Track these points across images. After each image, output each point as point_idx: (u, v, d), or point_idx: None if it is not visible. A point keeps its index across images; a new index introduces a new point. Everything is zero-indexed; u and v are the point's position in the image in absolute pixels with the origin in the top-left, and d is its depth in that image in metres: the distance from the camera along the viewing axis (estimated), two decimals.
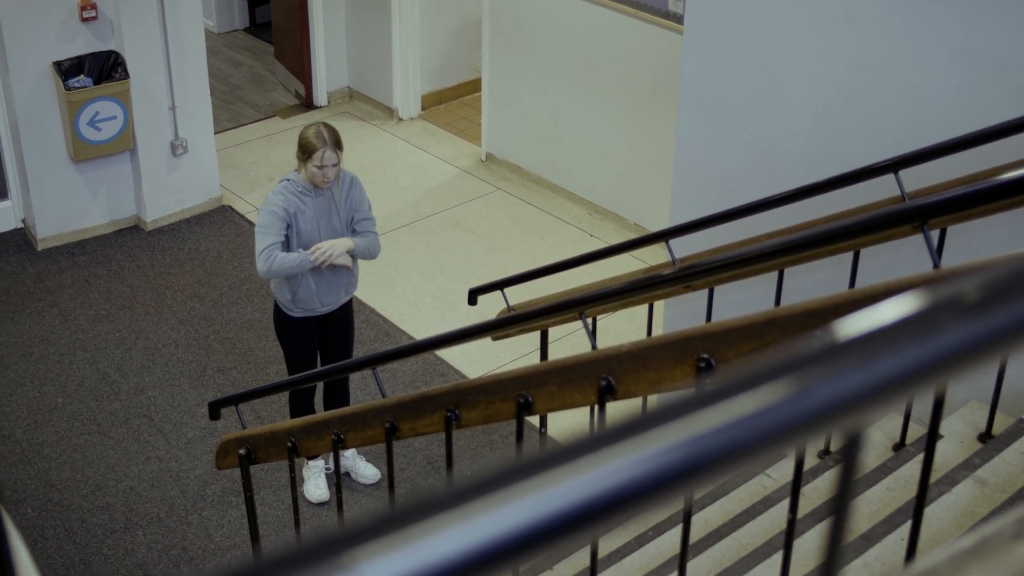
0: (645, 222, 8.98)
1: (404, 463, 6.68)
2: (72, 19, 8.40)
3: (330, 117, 11.12)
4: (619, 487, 0.57)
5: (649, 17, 8.45)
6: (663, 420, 0.60)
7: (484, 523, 0.57)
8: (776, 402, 0.59)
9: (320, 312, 6.17)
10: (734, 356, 2.48)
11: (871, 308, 0.66)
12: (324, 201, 5.98)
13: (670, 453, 0.57)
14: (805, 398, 0.60)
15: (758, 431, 0.59)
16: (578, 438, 0.60)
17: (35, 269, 8.67)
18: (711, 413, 0.59)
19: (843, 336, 0.64)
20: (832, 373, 0.61)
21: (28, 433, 7.01)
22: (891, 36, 4.57)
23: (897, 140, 4.58)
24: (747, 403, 0.59)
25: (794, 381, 0.60)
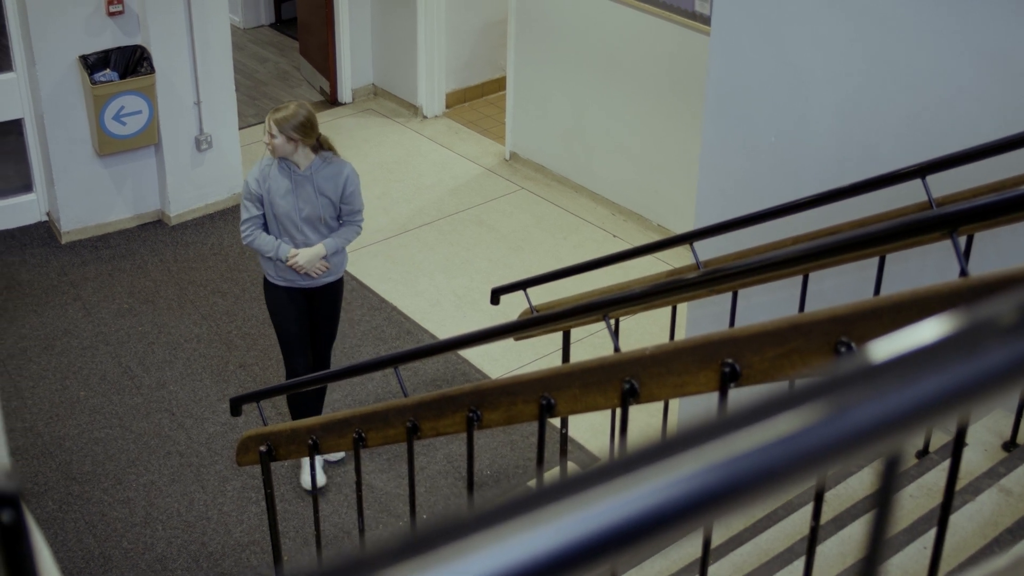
0: (669, 223, 8.96)
1: (424, 462, 6.67)
2: (99, 13, 8.42)
3: (354, 114, 11.13)
4: (649, 512, 0.55)
5: (675, 17, 8.43)
6: (692, 443, 0.59)
7: (511, 545, 0.56)
8: (815, 423, 0.58)
9: (301, 285, 6.29)
10: (759, 361, 2.46)
11: (909, 328, 0.65)
12: (302, 182, 6.09)
13: (702, 476, 0.56)
14: (845, 419, 0.58)
15: (796, 453, 0.57)
16: (606, 464, 0.59)
17: (59, 262, 8.70)
18: (748, 434, 0.58)
19: (882, 356, 0.62)
20: (873, 394, 0.59)
21: (50, 426, 7.03)
22: (919, 40, 4.54)
23: (924, 144, 4.55)
24: (786, 424, 0.58)
25: (834, 402, 0.59)
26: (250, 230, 6.14)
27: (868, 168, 4.62)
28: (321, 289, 6.36)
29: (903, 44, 4.59)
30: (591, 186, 9.62)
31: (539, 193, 9.76)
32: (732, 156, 5.39)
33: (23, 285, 8.40)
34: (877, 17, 4.62)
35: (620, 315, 4.96)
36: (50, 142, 8.63)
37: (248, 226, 6.15)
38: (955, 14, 4.45)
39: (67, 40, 8.37)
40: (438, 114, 11.13)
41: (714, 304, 5.24)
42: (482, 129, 10.87)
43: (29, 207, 9.14)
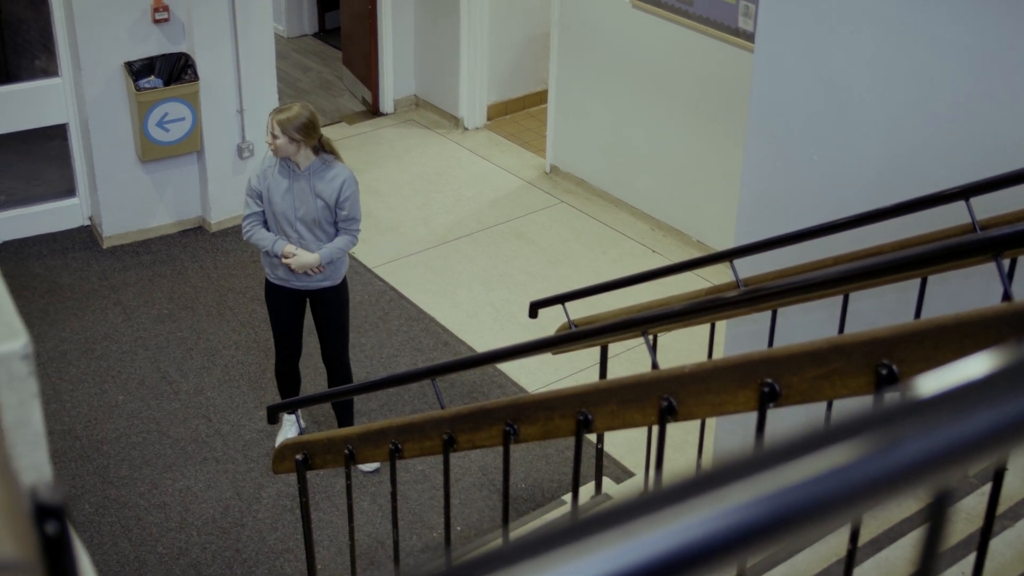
0: (709, 240, 8.93)
1: (459, 474, 6.67)
2: (144, 20, 8.48)
3: (396, 125, 11.16)
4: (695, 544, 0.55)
5: (718, 33, 8.41)
6: (741, 474, 0.58)
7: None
8: (865, 457, 0.58)
9: (294, 286, 6.47)
10: (798, 382, 2.45)
11: (958, 363, 0.64)
12: (304, 182, 6.21)
13: (752, 508, 0.56)
14: (895, 454, 0.58)
15: (845, 487, 0.57)
16: (651, 493, 0.59)
17: (100, 267, 8.75)
18: (798, 466, 0.57)
19: (932, 390, 0.62)
20: (923, 429, 0.59)
21: (88, 429, 7.07)
22: (965, 59, 4.52)
23: (969, 165, 4.52)
24: (835, 457, 0.57)
25: (884, 436, 0.58)
26: (250, 225, 6.33)
27: (911, 188, 4.59)
28: (317, 293, 6.51)
29: (949, 64, 4.56)
30: (631, 201, 9.61)
31: (579, 207, 9.76)
32: (774, 174, 5.36)
33: (64, 289, 8.46)
34: (923, 37, 4.60)
35: (659, 332, 4.95)
36: (94, 147, 8.70)
37: (249, 221, 6.33)
38: (1002, 34, 4.42)
39: (112, 46, 8.44)
40: (479, 126, 11.15)
41: (753, 322, 5.22)
42: (523, 142, 10.87)
43: (72, 211, 9.21)
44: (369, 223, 9.41)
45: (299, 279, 6.40)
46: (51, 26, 8.66)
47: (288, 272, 6.36)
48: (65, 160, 9.18)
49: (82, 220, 9.24)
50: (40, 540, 0.68)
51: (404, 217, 9.55)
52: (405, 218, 9.54)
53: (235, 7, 8.67)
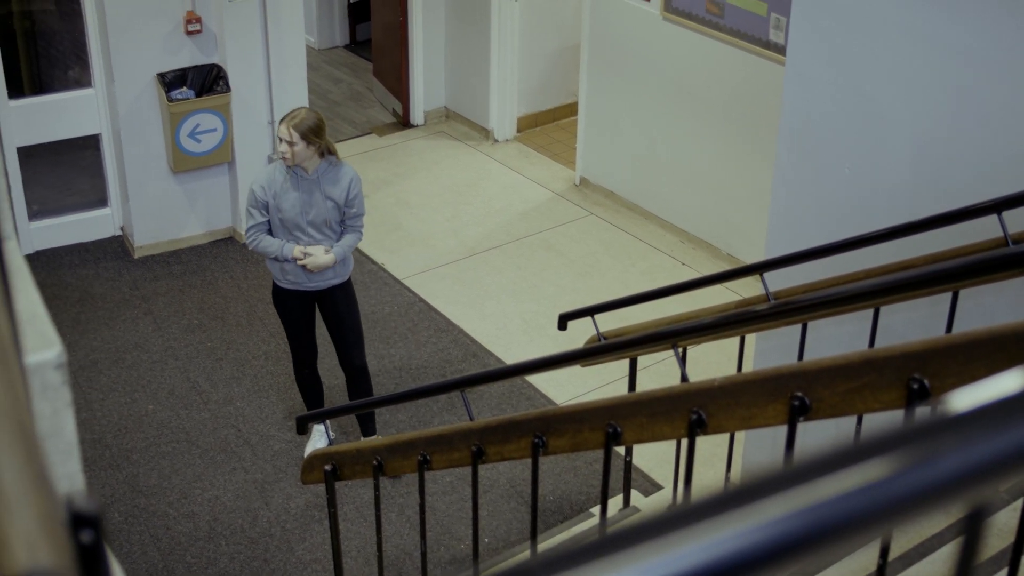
0: (738, 252, 8.91)
1: (487, 486, 6.67)
2: (177, 32, 8.53)
3: (426, 137, 11.19)
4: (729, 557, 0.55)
5: (749, 46, 8.40)
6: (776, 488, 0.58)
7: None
8: (900, 472, 0.57)
9: (308, 287, 6.51)
10: (829, 396, 2.44)
11: (993, 378, 0.64)
12: (309, 186, 6.28)
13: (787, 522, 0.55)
14: (931, 468, 0.58)
15: (881, 501, 0.56)
16: (686, 506, 0.58)
17: (131, 276, 8.80)
18: (833, 480, 0.57)
19: (967, 405, 0.61)
20: (960, 443, 0.59)
21: (118, 438, 7.10)
22: (997, 71, 4.49)
23: (1001, 179, 4.50)
24: (871, 471, 0.57)
25: (920, 450, 0.58)
26: (255, 234, 6.34)
27: (943, 202, 4.57)
28: (327, 292, 6.56)
29: (981, 78, 4.54)
30: (661, 213, 9.60)
31: (608, 219, 9.75)
32: (805, 187, 5.35)
33: (96, 298, 8.51)
34: (956, 50, 4.58)
35: (688, 344, 4.94)
36: (126, 158, 8.75)
37: (253, 232, 6.35)
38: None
39: (145, 58, 8.49)
40: (509, 138, 11.16)
41: (783, 335, 5.20)
42: (552, 154, 10.88)
43: (104, 221, 9.27)
44: (399, 234, 9.44)
45: (310, 280, 6.46)
46: (84, 37, 8.73)
47: (300, 274, 6.42)
48: (97, 170, 9.23)
49: (113, 230, 9.29)
50: (75, 549, 0.68)
51: (433, 229, 9.57)
52: (435, 230, 9.55)
53: (267, 19, 8.71)
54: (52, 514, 0.65)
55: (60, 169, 9.49)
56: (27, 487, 0.65)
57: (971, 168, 4.67)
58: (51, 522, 0.65)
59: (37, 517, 0.64)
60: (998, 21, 4.42)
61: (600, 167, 10.09)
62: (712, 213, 9.14)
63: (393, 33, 11.24)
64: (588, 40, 9.82)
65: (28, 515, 0.64)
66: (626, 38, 9.45)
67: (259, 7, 8.67)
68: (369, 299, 8.53)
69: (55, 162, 9.42)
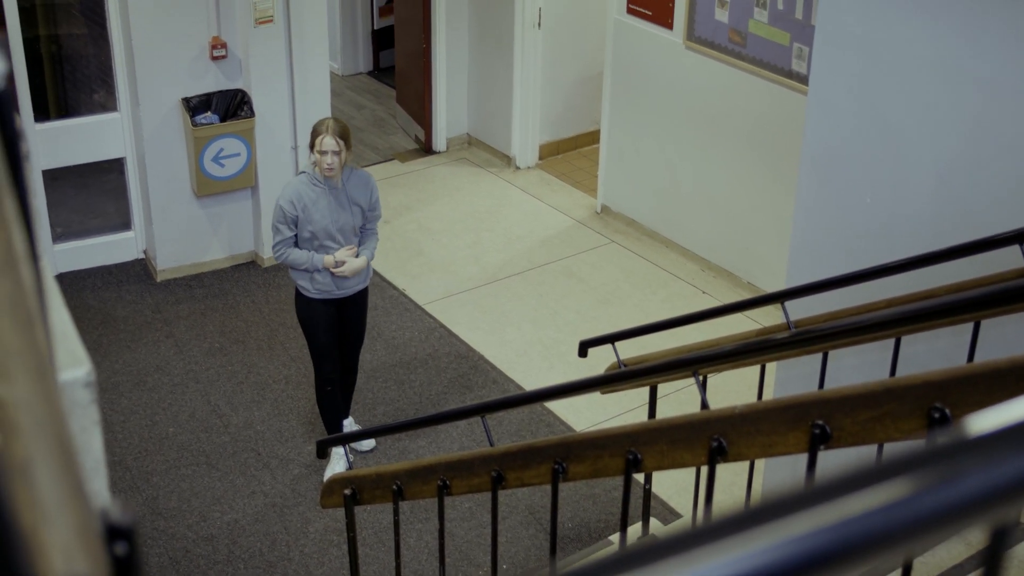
0: (759, 281, 8.91)
1: (506, 512, 6.66)
2: (202, 57, 8.59)
3: (448, 163, 11.22)
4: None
5: (771, 76, 8.42)
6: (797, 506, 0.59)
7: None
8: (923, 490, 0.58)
9: (336, 295, 6.65)
10: (850, 424, 2.44)
11: (1014, 401, 0.65)
12: (337, 194, 6.43)
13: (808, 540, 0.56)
14: (954, 487, 0.58)
15: (904, 520, 0.57)
16: (709, 524, 0.59)
17: (153, 299, 8.84)
18: (855, 499, 0.58)
19: (989, 427, 0.62)
20: (983, 463, 0.59)
21: (138, 460, 7.12)
22: (1018, 102, 4.50)
23: (1022, 209, 4.50)
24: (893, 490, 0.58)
25: (943, 469, 0.59)
26: (282, 247, 6.46)
27: (965, 232, 4.57)
28: (351, 297, 6.71)
29: (1002, 108, 4.55)
30: (681, 241, 9.61)
31: (629, 247, 9.76)
32: (826, 216, 5.36)
33: (118, 321, 8.55)
34: (976, 80, 4.59)
35: (709, 372, 4.94)
36: (150, 182, 8.80)
37: (281, 246, 6.47)
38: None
39: (171, 82, 8.55)
40: (531, 165, 11.19)
41: (804, 364, 5.20)
42: (574, 181, 10.90)
43: (127, 244, 9.31)
44: (420, 260, 9.46)
45: (339, 287, 6.59)
46: (111, 62, 8.80)
47: (330, 282, 6.55)
48: (121, 194, 9.29)
49: (136, 253, 9.34)
50: (110, 560, 0.69)
51: (455, 255, 9.59)
52: (456, 256, 9.58)
53: (291, 45, 8.77)
54: (88, 525, 0.66)
55: (84, 192, 9.55)
56: (64, 498, 0.66)
57: (992, 198, 4.67)
58: (87, 533, 0.66)
59: (74, 528, 0.65)
60: (1019, 51, 4.43)
61: (621, 195, 10.10)
62: (733, 242, 9.15)
63: (416, 60, 11.30)
64: (610, 68, 9.85)
65: (65, 526, 0.65)
66: (648, 67, 9.48)
67: (284, 33, 8.72)
68: (390, 324, 8.55)
69: (80, 185, 9.48)
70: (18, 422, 0.66)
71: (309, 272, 6.50)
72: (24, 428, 0.66)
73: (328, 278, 6.53)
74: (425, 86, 11.27)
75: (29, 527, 0.62)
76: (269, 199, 9.07)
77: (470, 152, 11.50)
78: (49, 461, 0.66)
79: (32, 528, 0.62)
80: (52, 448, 0.67)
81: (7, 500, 0.60)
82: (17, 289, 0.72)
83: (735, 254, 9.17)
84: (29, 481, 0.64)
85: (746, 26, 8.53)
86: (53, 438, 0.68)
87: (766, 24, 8.38)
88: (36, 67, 9.43)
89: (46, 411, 0.68)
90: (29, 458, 0.65)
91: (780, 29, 8.29)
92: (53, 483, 0.66)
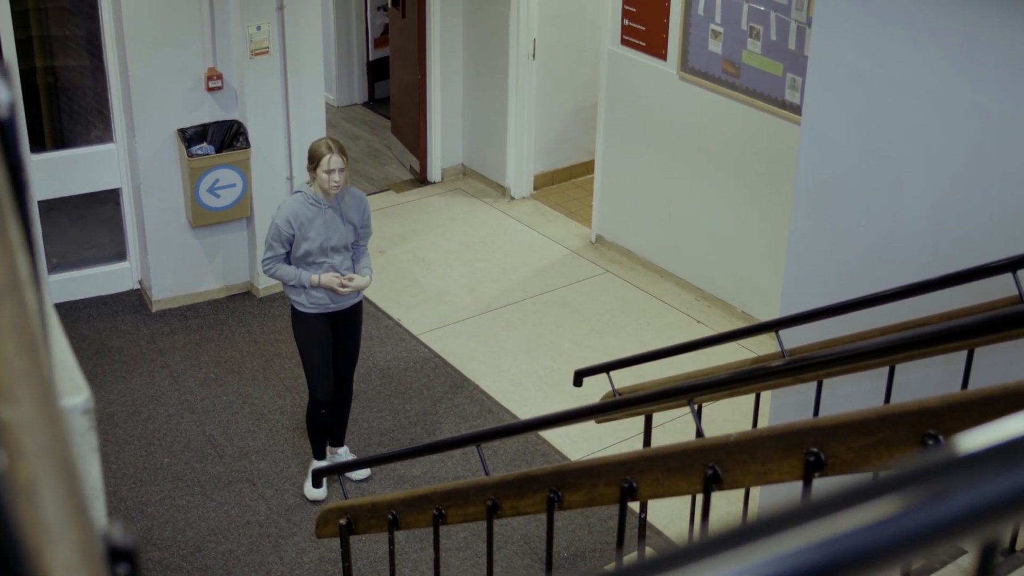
0: (753, 310, 8.93)
1: (501, 541, 6.65)
2: (198, 88, 8.62)
3: (443, 193, 11.25)
4: None
5: (764, 106, 8.46)
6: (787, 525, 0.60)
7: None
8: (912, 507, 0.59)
9: (332, 310, 6.72)
10: (844, 451, 2.45)
11: (1002, 420, 0.66)
12: (333, 212, 6.53)
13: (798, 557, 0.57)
14: (943, 504, 0.59)
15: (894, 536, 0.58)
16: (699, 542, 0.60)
17: (148, 330, 8.84)
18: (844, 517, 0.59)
19: (978, 445, 0.63)
20: (972, 480, 0.60)
21: (133, 491, 7.11)
22: (1013, 131, 4.53)
23: (1017, 237, 4.52)
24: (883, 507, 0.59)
25: (931, 487, 0.60)
26: (272, 264, 6.57)
27: (959, 260, 4.59)
28: (345, 311, 6.78)
29: (997, 136, 4.57)
30: (676, 271, 9.63)
31: (624, 277, 9.78)
32: (820, 244, 5.38)
33: (113, 351, 8.55)
34: (970, 109, 4.61)
35: (704, 401, 4.94)
36: (145, 212, 8.82)
37: (271, 262, 6.57)
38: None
39: (166, 114, 8.58)
40: (525, 195, 11.21)
41: (798, 392, 5.21)
42: (569, 211, 10.93)
43: (122, 275, 9.32)
44: (415, 290, 9.47)
45: (336, 300, 6.68)
46: (107, 93, 8.82)
47: (327, 295, 6.63)
48: (117, 224, 9.30)
49: (132, 284, 9.34)
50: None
51: (450, 285, 9.60)
52: (451, 286, 9.59)
53: (287, 76, 8.80)
54: (92, 546, 0.67)
55: (80, 223, 9.56)
56: (68, 520, 0.67)
57: (988, 227, 4.69)
58: (91, 554, 0.67)
59: (77, 549, 0.66)
60: (1015, 80, 4.45)
61: (616, 225, 10.13)
62: (728, 271, 9.17)
63: (411, 91, 11.34)
64: (605, 99, 9.89)
65: (69, 546, 0.66)
66: (643, 97, 9.52)
67: (280, 64, 8.76)
68: (385, 354, 8.56)
69: (75, 216, 9.50)
70: (23, 444, 0.67)
71: (305, 288, 6.58)
72: (29, 450, 0.67)
73: (323, 292, 6.62)
74: (420, 116, 11.31)
75: (34, 547, 0.63)
76: (264, 229, 9.08)
77: (465, 182, 11.52)
78: (53, 483, 0.67)
79: (37, 548, 0.63)
80: (56, 470, 0.68)
81: (13, 520, 0.61)
82: (22, 313, 0.73)
83: (730, 283, 9.18)
84: (34, 502, 0.65)
85: (740, 57, 8.57)
86: (57, 460, 0.69)
87: (759, 55, 8.42)
88: (32, 98, 9.46)
89: (50, 433, 0.69)
90: (34, 480, 0.66)
91: (773, 60, 8.33)
92: (57, 504, 0.67)
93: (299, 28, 8.80)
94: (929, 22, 4.67)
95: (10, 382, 0.69)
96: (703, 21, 8.79)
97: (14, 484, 0.64)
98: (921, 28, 4.70)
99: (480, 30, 10.99)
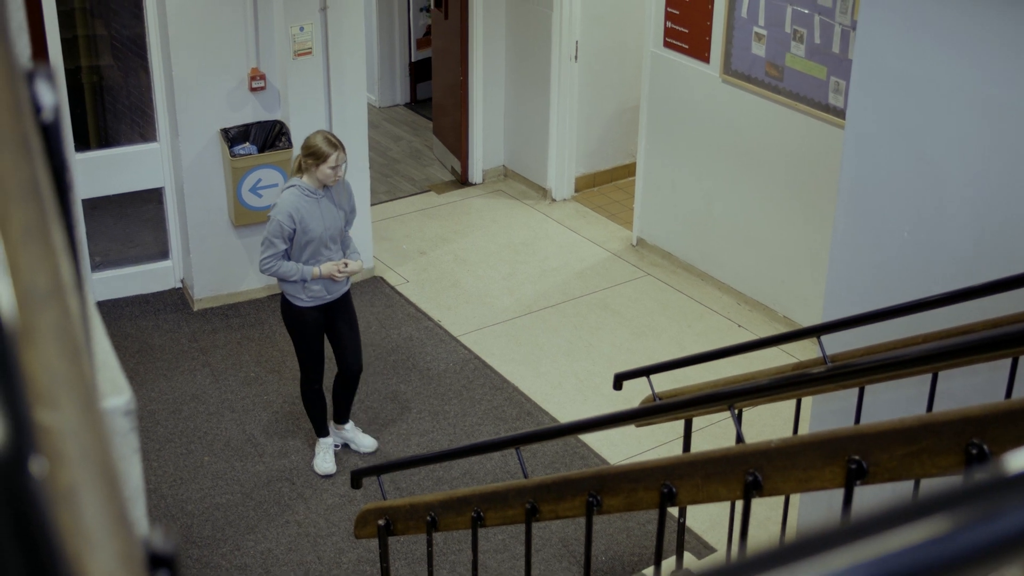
0: (795, 315, 8.88)
1: (539, 544, 6.65)
2: (241, 88, 8.66)
3: (484, 195, 11.25)
4: None
5: (808, 109, 8.41)
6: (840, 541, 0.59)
7: None
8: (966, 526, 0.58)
9: (327, 300, 6.88)
10: (887, 460, 2.43)
11: None
12: (328, 200, 6.70)
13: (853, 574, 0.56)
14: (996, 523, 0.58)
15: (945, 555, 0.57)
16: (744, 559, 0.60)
17: (190, 329, 8.88)
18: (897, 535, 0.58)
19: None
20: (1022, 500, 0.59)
21: (173, 489, 7.15)
22: None
23: None
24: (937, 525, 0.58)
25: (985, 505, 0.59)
26: (272, 260, 6.67)
27: (1003, 267, 4.54)
28: (338, 300, 6.93)
29: None
30: (717, 275, 9.59)
31: (665, 280, 9.75)
32: (863, 250, 5.34)
33: (155, 350, 8.60)
34: (1015, 113, 4.57)
35: (744, 406, 4.92)
36: (188, 212, 8.87)
37: (271, 259, 6.66)
38: None
39: (210, 113, 8.62)
40: (567, 197, 11.20)
41: (840, 399, 5.17)
42: (610, 214, 10.91)
43: (165, 273, 9.37)
44: (455, 292, 9.48)
45: (331, 290, 6.84)
46: (151, 93, 8.88)
47: (322, 288, 6.79)
48: (160, 223, 9.36)
49: (174, 282, 9.39)
50: None
51: (490, 287, 9.60)
52: (491, 287, 9.59)
53: (330, 77, 8.83)
54: (132, 553, 0.67)
55: (123, 221, 9.63)
56: (108, 526, 0.67)
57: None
58: (131, 561, 0.67)
59: (117, 555, 0.66)
60: None
61: (657, 228, 10.10)
62: (769, 275, 9.12)
63: (453, 92, 11.35)
64: (647, 101, 9.87)
65: (109, 553, 0.66)
66: (685, 99, 9.49)
67: (323, 65, 8.79)
68: (425, 355, 8.57)
69: (118, 215, 9.57)
70: (64, 450, 0.67)
71: (304, 282, 6.72)
72: (70, 456, 0.67)
73: (320, 284, 6.79)
74: (462, 118, 11.32)
75: (74, 554, 0.63)
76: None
77: (506, 184, 11.52)
78: (94, 489, 0.67)
79: (77, 555, 0.63)
80: (97, 476, 0.68)
81: (53, 527, 0.61)
82: (64, 318, 0.73)
83: (771, 288, 9.14)
84: (74, 508, 0.65)
85: (783, 60, 8.53)
86: (98, 466, 0.69)
87: (803, 58, 8.38)
88: (77, 97, 9.54)
89: (91, 439, 0.69)
90: (74, 486, 0.66)
91: (817, 63, 8.29)
92: (98, 511, 0.66)
93: (342, 29, 8.82)
94: (976, 26, 4.62)
95: (51, 387, 0.69)
96: (746, 24, 8.76)
97: (54, 490, 0.64)
98: (968, 32, 4.65)
99: (522, 32, 10.99)
